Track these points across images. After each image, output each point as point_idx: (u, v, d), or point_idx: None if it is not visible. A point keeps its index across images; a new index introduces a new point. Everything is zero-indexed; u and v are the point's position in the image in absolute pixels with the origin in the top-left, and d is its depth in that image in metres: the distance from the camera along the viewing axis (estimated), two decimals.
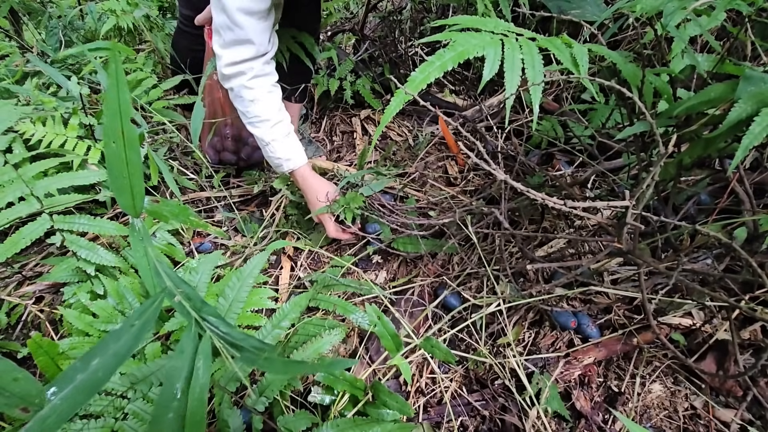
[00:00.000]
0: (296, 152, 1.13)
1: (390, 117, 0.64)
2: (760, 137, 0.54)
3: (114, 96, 0.43)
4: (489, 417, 0.86)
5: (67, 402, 0.38)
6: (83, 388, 0.38)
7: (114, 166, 0.45)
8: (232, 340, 0.50)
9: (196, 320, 0.49)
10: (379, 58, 1.82)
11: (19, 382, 0.40)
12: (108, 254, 1.00)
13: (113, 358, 0.41)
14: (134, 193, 0.47)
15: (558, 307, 0.96)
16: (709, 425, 0.82)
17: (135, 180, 0.46)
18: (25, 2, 2.15)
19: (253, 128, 1.09)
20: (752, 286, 0.85)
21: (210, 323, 0.50)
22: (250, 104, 1.05)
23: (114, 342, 0.42)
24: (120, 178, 0.45)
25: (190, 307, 0.48)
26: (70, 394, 0.38)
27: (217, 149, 1.41)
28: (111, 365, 0.40)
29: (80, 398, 0.38)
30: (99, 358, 0.40)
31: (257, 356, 0.49)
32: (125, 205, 0.47)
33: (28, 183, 0.98)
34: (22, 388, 0.40)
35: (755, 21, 0.74)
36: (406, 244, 1.14)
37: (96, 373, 0.39)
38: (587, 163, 1.22)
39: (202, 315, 0.49)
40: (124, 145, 0.44)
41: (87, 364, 0.40)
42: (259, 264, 0.98)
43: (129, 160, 0.45)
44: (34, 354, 0.78)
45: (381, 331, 0.84)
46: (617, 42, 1.40)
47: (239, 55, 0.99)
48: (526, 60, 0.63)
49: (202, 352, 0.48)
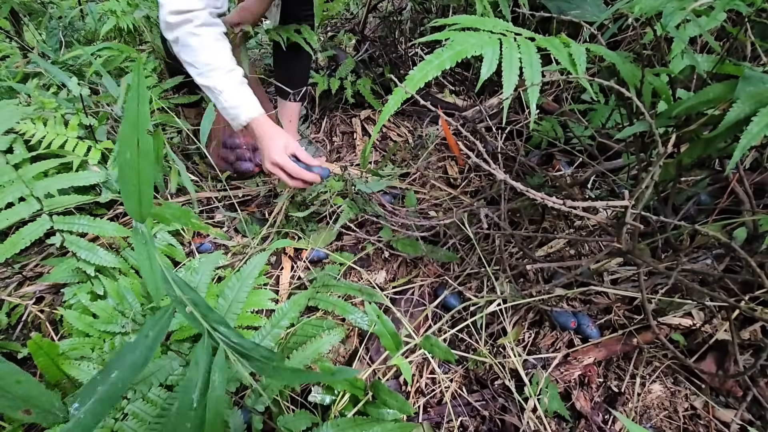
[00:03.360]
0: (252, 100, 1.06)
1: (388, 115, 0.64)
2: (758, 137, 0.54)
3: (134, 108, 0.44)
4: (489, 417, 0.86)
5: (90, 415, 0.40)
6: (104, 400, 0.41)
7: (126, 174, 0.46)
8: (242, 350, 0.52)
9: (209, 332, 0.51)
10: (379, 58, 1.83)
11: (22, 384, 0.41)
12: (108, 255, 1.00)
13: (130, 369, 0.43)
14: (142, 200, 0.48)
15: (558, 307, 0.96)
16: (709, 425, 0.81)
17: (145, 188, 0.47)
18: (26, 3, 2.16)
19: (204, 79, 1.01)
20: (752, 286, 0.85)
21: (221, 333, 0.51)
22: (198, 52, 0.99)
23: (130, 354, 0.44)
24: (130, 185, 0.46)
25: (201, 317, 0.50)
26: (93, 407, 0.40)
27: (230, 161, 1.41)
28: (128, 376, 0.43)
29: (102, 410, 0.40)
30: (117, 371, 0.43)
31: (266, 365, 0.51)
32: (132, 211, 0.48)
33: (28, 183, 0.98)
34: (24, 391, 0.41)
35: (755, 21, 0.74)
36: (405, 246, 1.14)
37: (115, 385, 0.42)
38: (587, 164, 1.22)
39: (213, 325, 0.51)
40: (138, 155, 0.45)
41: (107, 376, 0.42)
42: (259, 264, 0.98)
43: (141, 169, 0.46)
44: (34, 355, 0.78)
45: (381, 330, 0.84)
46: (617, 42, 1.40)
47: (186, 3, 0.95)
48: (524, 59, 0.64)
49: (217, 365, 0.49)
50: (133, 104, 0.44)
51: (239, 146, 1.39)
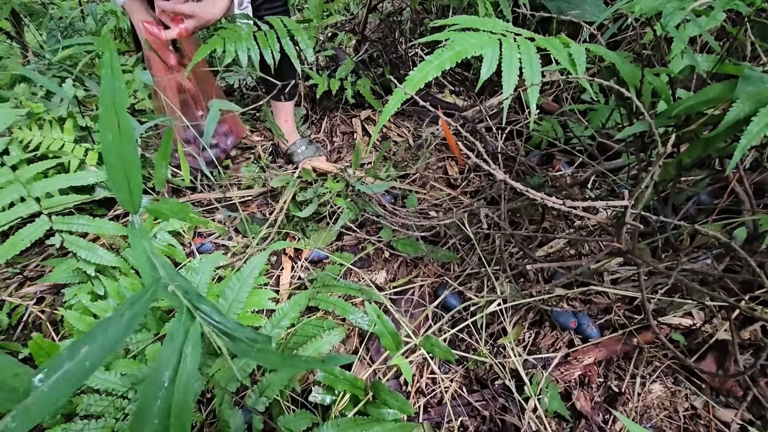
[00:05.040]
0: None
1: (388, 116, 0.64)
2: (758, 137, 0.54)
3: (109, 86, 0.41)
4: (489, 417, 0.86)
5: (53, 391, 0.36)
6: (70, 377, 0.37)
7: (111, 160, 0.43)
8: (224, 329, 0.48)
9: (188, 308, 0.47)
10: (379, 58, 1.83)
11: (20, 377, 0.40)
12: (108, 254, 1.00)
13: (101, 348, 0.39)
14: (132, 188, 0.45)
15: (558, 307, 0.96)
16: (710, 425, 0.81)
17: (132, 173, 0.44)
18: (27, 4, 2.16)
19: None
20: (752, 286, 0.85)
21: (202, 311, 0.48)
22: None
23: (102, 332, 0.40)
24: (117, 171, 0.43)
25: (183, 296, 0.47)
26: (57, 383, 0.37)
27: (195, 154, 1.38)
28: (99, 355, 0.39)
29: (67, 388, 0.37)
30: (87, 347, 0.39)
31: (250, 347, 0.48)
32: (123, 201, 0.45)
33: (25, 185, 0.99)
34: (23, 384, 0.40)
35: (754, 21, 0.74)
36: (405, 246, 1.15)
37: (83, 362, 0.38)
38: (587, 164, 1.23)
39: (194, 303, 0.48)
40: (120, 137, 0.42)
41: (75, 353, 0.38)
42: (259, 264, 0.98)
43: (125, 153, 0.43)
44: (35, 355, 0.79)
45: (380, 330, 0.84)
46: (617, 42, 1.40)
47: None
48: (524, 60, 0.64)
49: (190, 337, 0.46)
50: (108, 82, 0.40)
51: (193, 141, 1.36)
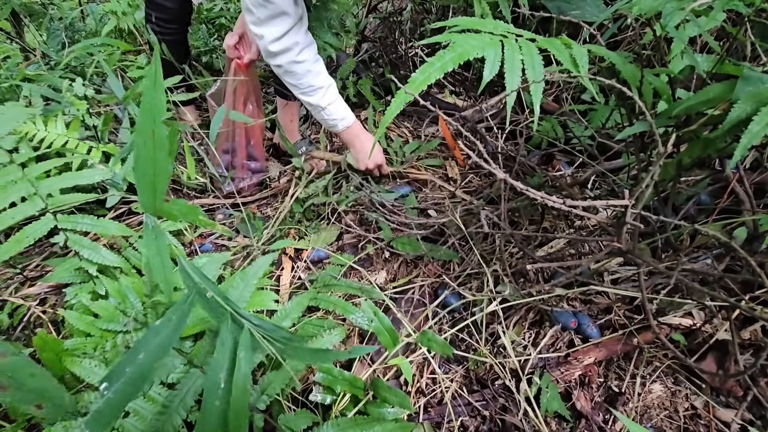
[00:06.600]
0: (348, 111, 1.22)
1: (391, 117, 0.64)
2: (758, 136, 0.54)
3: (150, 98, 0.44)
4: (489, 417, 0.86)
5: (119, 394, 0.41)
6: (132, 380, 0.42)
7: (141, 165, 0.46)
8: (263, 332, 0.53)
9: (232, 315, 0.52)
10: (379, 59, 1.83)
11: (36, 378, 0.42)
12: (110, 254, 1.00)
13: (156, 350, 0.44)
14: (156, 192, 0.48)
15: (558, 307, 0.97)
16: (710, 425, 0.82)
17: (159, 179, 0.48)
18: (27, 4, 2.16)
19: (308, 97, 1.15)
20: (752, 286, 0.85)
21: (244, 317, 0.53)
22: (304, 77, 1.10)
23: (155, 336, 0.45)
24: (145, 176, 0.47)
25: (223, 301, 0.51)
26: (122, 387, 0.41)
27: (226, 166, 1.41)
28: (154, 358, 0.44)
29: (131, 390, 0.41)
30: (144, 352, 0.44)
31: (288, 345, 0.53)
32: (145, 203, 0.49)
33: (33, 182, 0.99)
34: (38, 384, 0.42)
35: (754, 21, 0.74)
36: (405, 245, 1.15)
37: (142, 366, 0.43)
38: (587, 164, 1.23)
39: (235, 309, 0.53)
40: (154, 145, 0.46)
41: (134, 358, 0.43)
42: (264, 265, 0.98)
43: (157, 160, 0.46)
44: (40, 350, 0.79)
45: (378, 327, 0.84)
46: (617, 42, 1.40)
47: (280, 29, 1.01)
48: (526, 61, 0.64)
49: (242, 343, 0.51)
50: (150, 92, 0.44)
51: (236, 165, 1.40)
